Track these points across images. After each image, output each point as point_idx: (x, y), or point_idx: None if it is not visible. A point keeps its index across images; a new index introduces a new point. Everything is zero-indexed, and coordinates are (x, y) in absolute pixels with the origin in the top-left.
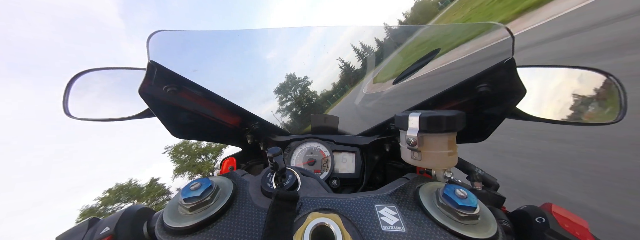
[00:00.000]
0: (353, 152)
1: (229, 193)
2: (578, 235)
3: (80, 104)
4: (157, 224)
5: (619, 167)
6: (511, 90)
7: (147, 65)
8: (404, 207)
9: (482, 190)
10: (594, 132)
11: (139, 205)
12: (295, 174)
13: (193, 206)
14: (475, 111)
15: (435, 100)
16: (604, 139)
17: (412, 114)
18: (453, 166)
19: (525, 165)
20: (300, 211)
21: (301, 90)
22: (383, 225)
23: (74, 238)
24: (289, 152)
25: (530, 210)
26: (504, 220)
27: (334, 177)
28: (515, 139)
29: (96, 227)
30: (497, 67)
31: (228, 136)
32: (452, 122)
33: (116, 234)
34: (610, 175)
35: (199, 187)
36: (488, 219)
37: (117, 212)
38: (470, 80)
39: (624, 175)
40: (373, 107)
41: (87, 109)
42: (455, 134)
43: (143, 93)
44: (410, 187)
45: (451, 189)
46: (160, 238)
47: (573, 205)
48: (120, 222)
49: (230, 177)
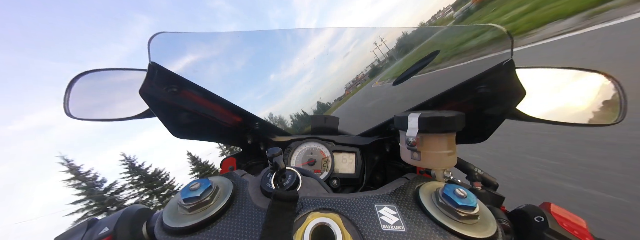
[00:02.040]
0: (353, 152)
1: (228, 193)
2: (577, 234)
3: (81, 104)
4: (156, 224)
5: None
6: (511, 91)
7: (148, 66)
8: (404, 207)
9: (481, 189)
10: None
11: (138, 205)
12: (295, 174)
13: (192, 206)
14: (475, 112)
15: (435, 101)
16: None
17: (411, 114)
18: (452, 166)
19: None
20: (300, 211)
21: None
22: (383, 225)
23: (73, 238)
24: (289, 152)
25: (529, 210)
26: (503, 220)
27: (334, 177)
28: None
29: (95, 227)
30: (497, 68)
31: (228, 136)
32: (452, 123)
33: (115, 234)
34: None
35: (199, 188)
36: (487, 218)
37: (116, 213)
38: (470, 81)
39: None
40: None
41: (88, 109)
42: (455, 135)
43: (144, 93)
44: (409, 186)
45: (451, 188)
46: (159, 238)
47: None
48: (120, 223)
49: (230, 177)
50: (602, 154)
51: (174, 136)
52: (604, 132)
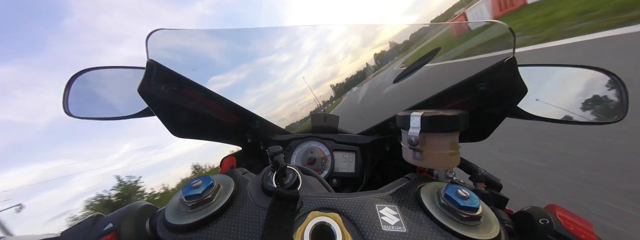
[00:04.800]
0: (353, 151)
1: (229, 191)
2: (583, 237)
3: (80, 103)
4: (158, 220)
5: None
6: (512, 89)
7: (146, 64)
8: (405, 207)
9: (484, 190)
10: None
11: (141, 202)
12: (296, 173)
13: (194, 204)
14: (476, 110)
15: (435, 99)
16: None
17: (413, 113)
18: (455, 166)
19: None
20: (300, 210)
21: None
22: (384, 225)
23: (79, 234)
24: (288, 152)
25: (533, 212)
26: (506, 221)
27: (334, 176)
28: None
29: (100, 223)
30: (498, 66)
31: (228, 135)
32: (455, 122)
33: (119, 230)
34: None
35: (201, 185)
36: (490, 219)
37: (121, 209)
38: (471, 79)
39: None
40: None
41: (86, 107)
42: (458, 134)
43: (142, 92)
44: (411, 187)
45: (453, 189)
46: (161, 235)
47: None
48: (124, 219)
49: (231, 175)
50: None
51: (174, 135)
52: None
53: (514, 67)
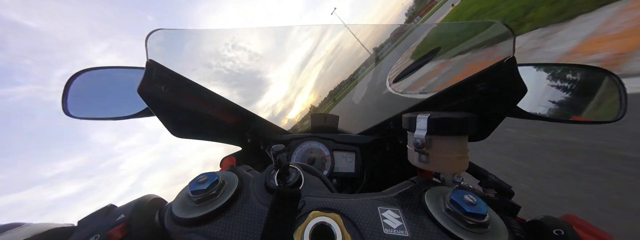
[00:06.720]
0: (353, 151)
1: (234, 188)
2: None
3: (80, 103)
4: (166, 213)
5: None
6: (512, 88)
7: (145, 64)
8: (408, 211)
9: (494, 197)
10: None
11: (152, 195)
12: (298, 172)
13: (199, 199)
14: (476, 110)
15: (435, 99)
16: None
17: (420, 115)
18: (463, 171)
19: None
20: (301, 209)
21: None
22: (385, 228)
23: (94, 222)
24: (289, 152)
25: (547, 221)
26: (517, 231)
27: (334, 176)
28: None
29: (113, 213)
30: (498, 65)
31: (228, 135)
32: (464, 125)
33: (130, 221)
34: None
35: (206, 181)
36: (499, 228)
37: (132, 201)
38: (471, 79)
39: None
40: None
41: (86, 108)
42: (467, 137)
43: (142, 92)
44: (415, 190)
45: (459, 194)
46: (168, 227)
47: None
48: (135, 210)
49: (236, 172)
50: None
51: (173, 135)
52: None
53: (513, 67)
